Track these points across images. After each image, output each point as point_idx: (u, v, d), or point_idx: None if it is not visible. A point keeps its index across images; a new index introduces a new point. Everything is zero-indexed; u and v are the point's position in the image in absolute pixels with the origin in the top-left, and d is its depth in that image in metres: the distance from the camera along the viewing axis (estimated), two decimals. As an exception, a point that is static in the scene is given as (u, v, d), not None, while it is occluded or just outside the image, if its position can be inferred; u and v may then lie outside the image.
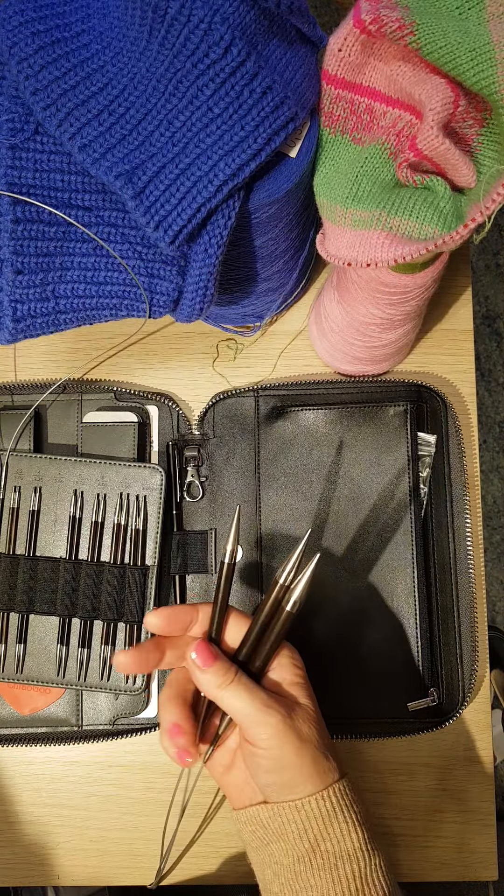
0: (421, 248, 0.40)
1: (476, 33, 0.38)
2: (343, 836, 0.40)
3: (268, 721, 0.39)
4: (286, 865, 0.40)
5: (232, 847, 0.60)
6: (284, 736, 0.39)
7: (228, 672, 0.41)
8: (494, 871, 0.60)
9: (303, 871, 0.40)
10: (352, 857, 0.39)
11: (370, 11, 0.39)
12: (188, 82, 0.42)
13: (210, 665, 0.41)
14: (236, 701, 0.40)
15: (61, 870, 0.60)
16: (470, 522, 0.61)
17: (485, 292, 1.40)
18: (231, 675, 0.41)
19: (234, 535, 0.43)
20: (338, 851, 0.39)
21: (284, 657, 0.44)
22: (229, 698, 0.40)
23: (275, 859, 0.41)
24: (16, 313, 0.47)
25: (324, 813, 0.40)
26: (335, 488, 0.60)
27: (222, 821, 0.60)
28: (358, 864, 0.39)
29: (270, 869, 0.41)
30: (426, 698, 0.58)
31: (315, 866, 0.39)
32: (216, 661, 0.41)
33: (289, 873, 0.40)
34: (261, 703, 0.40)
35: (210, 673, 0.41)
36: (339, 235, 0.46)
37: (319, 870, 0.39)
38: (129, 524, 0.59)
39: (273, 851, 0.41)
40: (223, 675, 0.41)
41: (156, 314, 0.48)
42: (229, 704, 0.41)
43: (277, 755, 0.40)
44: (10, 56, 0.42)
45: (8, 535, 0.60)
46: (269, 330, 0.66)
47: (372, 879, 0.39)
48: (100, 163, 0.42)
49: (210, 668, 0.41)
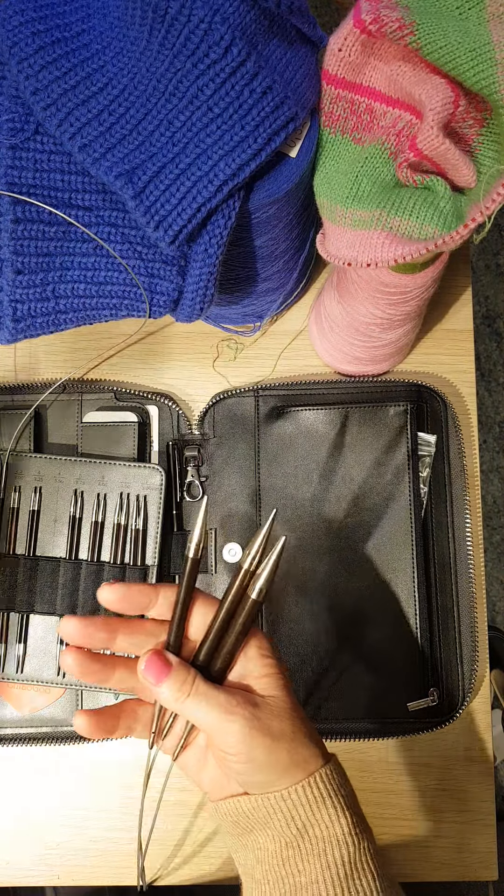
0: (421, 248, 0.40)
1: (476, 33, 0.38)
2: (332, 820, 0.39)
3: (231, 728, 0.37)
4: (272, 851, 0.40)
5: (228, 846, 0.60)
6: (253, 738, 0.38)
7: (184, 684, 0.38)
8: (494, 871, 0.60)
9: (291, 856, 0.39)
10: (341, 842, 0.39)
11: (370, 11, 0.39)
12: (188, 82, 0.42)
13: (163, 680, 0.38)
14: (196, 712, 0.38)
15: (61, 870, 0.60)
16: (470, 522, 0.61)
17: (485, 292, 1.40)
18: (187, 686, 0.38)
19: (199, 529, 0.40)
20: (327, 837, 0.39)
21: (251, 647, 0.41)
22: (188, 710, 0.38)
23: (259, 845, 0.40)
24: (16, 313, 0.47)
25: (311, 799, 0.39)
26: (335, 488, 0.60)
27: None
28: (348, 848, 0.39)
29: (253, 854, 0.41)
30: (426, 698, 0.58)
31: (304, 851, 0.39)
32: (169, 673, 0.38)
33: (274, 859, 0.39)
34: (222, 710, 0.38)
35: (164, 687, 0.38)
36: (339, 235, 0.46)
37: (308, 855, 0.39)
38: (129, 524, 0.59)
39: (257, 838, 0.40)
40: (178, 689, 0.38)
41: (156, 314, 0.48)
42: (189, 716, 0.39)
43: (249, 758, 0.38)
44: (11, 56, 0.42)
45: (8, 535, 0.60)
46: (269, 330, 0.66)
47: (361, 864, 0.39)
48: (100, 163, 0.42)
49: (163, 682, 0.38)
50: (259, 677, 0.40)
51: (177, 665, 0.39)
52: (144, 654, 0.39)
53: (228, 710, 0.38)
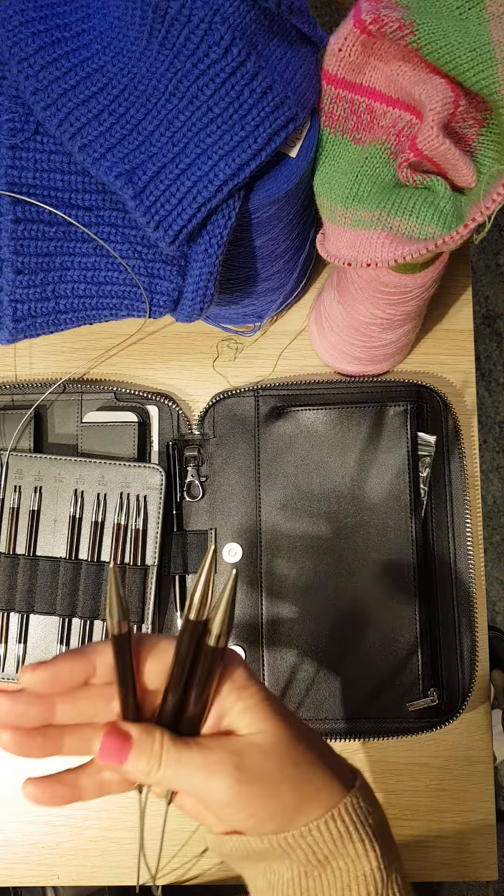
0: (421, 248, 0.40)
1: (476, 33, 0.38)
2: (358, 855, 0.34)
3: (218, 788, 0.32)
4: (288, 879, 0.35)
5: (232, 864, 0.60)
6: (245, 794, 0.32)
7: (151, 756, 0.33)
8: (494, 871, 0.60)
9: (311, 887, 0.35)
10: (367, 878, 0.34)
11: (370, 11, 0.39)
12: (188, 82, 0.42)
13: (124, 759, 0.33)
14: (174, 782, 0.33)
15: (61, 870, 0.60)
16: (470, 522, 0.61)
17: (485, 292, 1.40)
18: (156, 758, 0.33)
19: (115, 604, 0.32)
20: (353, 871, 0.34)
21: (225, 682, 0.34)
22: (166, 782, 0.33)
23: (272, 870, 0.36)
24: (16, 313, 0.47)
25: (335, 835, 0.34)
26: (335, 488, 0.60)
27: (222, 821, 0.60)
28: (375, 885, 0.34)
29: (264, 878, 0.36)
30: (426, 698, 0.58)
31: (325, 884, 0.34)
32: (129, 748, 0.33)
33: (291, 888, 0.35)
34: (202, 772, 0.32)
35: (129, 766, 0.33)
36: (340, 235, 0.46)
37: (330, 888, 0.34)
38: (129, 524, 0.59)
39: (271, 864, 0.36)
40: (146, 762, 0.33)
41: (156, 314, 0.48)
42: (170, 786, 0.34)
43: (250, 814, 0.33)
44: (11, 56, 0.42)
45: (8, 535, 0.60)
46: (269, 330, 0.66)
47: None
48: (100, 163, 0.42)
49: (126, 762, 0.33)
50: (240, 713, 0.34)
51: (137, 736, 0.33)
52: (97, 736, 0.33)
53: (209, 770, 0.32)
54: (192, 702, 0.34)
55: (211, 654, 0.33)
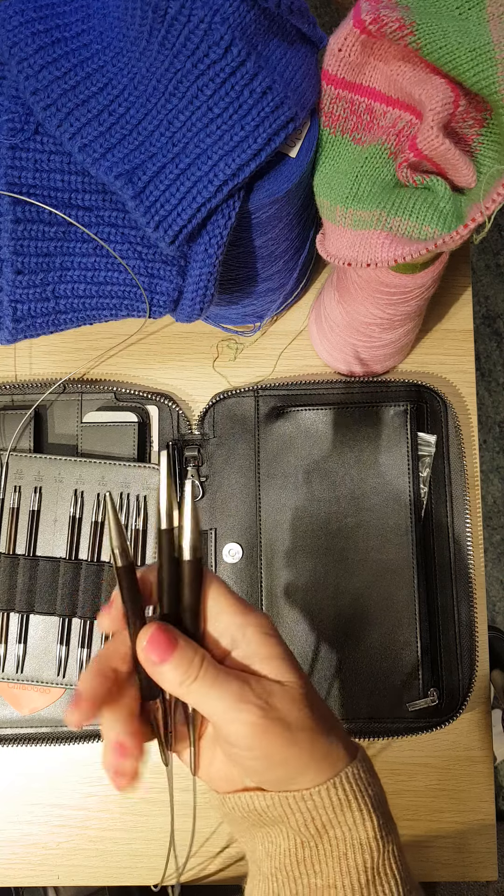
0: (421, 248, 0.40)
1: (476, 33, 0.38)
2: (356, 824, 0.35)
3: (244, 719, 0.33)
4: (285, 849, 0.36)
5: (231, 846, 0.60)
6: (266, 732, 0.33)
7: (191, 665, 0.33)
8: (494, 871, 0.60)
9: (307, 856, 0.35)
10: (364, 846, 0.35)
11: (370, 11, 0.39)
12: (188, 82, 0.42)
13: (167, 658, 0.33)
14: (203, 699, 0.33)
15: (61, 870, 0.60)
16: (470, 522, 0.61)
17: (485, 292, 1.40)
18: (195, 669, 0.33)
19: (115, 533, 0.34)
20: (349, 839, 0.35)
21: (251, 626, 0.35)
22: (194, 697, 0.33)
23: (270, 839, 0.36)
24: (16, 313, 0.47)
25: (335, 802, 0.34)
26: (335, 488, 0.60)
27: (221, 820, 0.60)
28: (371, 853, 0.35)
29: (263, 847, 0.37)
30: (426, 698, 0.58)
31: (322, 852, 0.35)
32: (175, 650, 0.33)
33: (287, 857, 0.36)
34: (232, 699, 0.33)
35: (168, 666, 0.33)
36: (339, 235, 0.46)
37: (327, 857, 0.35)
38: (129, 524, 0.59)
39: (269, 832, 0.36)
40: (185, 670, 0.33)
41: (156, 314, 0.48)
42: (195, 703, 0.34)
43: (264, 754, 0.34)
44: (11, 56, 0.42)
45: (8, 535, 0.60)
46: (269, 330, 0.66)
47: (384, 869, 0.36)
48: (100, 163, 0.42)
49: (167, 661, 0.33)
50: (266, 659, 0.35)
51: (183, 643, 0.34)
52: (147, 628, 0.34)
53: (241, 698, 0.33)
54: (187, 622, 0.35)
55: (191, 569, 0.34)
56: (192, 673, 0.33)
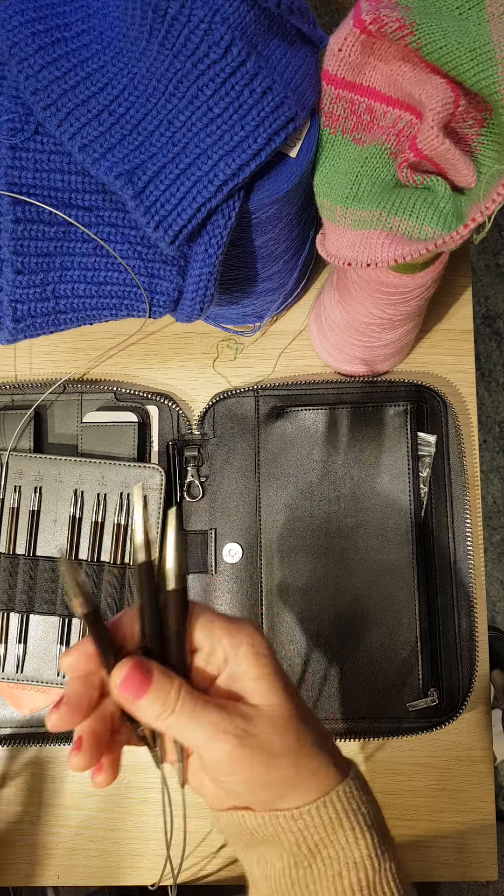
0: (421, 248, 0.40)
1: (476, 33, 0.38)
2: (349, 843, 0.34)
3: (221, 748, 0.33)
4: (279, 869, 0.35)
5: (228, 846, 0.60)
6: (244, 759, 0.33)
7: (167, 700, 0.33)
8: (494, 871, 0.60)
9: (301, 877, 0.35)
10: (359, 865, 0.34)
11: (370, 11, 0.39)
12: (188, 82, 0.42)
13: (141, 695, 0.33)
14: (180, 731, 0.33)
15: (61, 870, 0.60)
16: (470, 522, 0.61)
17: (485, 292, 1.40)
18: (171, 702, 0.33)
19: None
20: (342, 858, 0.34)
21: (243, 645, 0.34)
22: (172, 729, 0.33)
23: (265, 859, 0.36)
24: (16, 313, 0.47)
25: (325, 821, 0.34)
26: (335, 488, 0.60)
27: (222, 821, 0.60)
28: (366, 872, 0.34)
29: (259, 868, 0.37)
30: (426, 698, 0.58)
31: (316, 872, 0.35)
32: (149, 686, 0.33)
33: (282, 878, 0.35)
34: (210, 728, 0.33)
35: (144, 703, 0.33)
36: (339, 235, 0.46)
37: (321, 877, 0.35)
38: (129, 524, 0.59)
39: (264, 853, 0.36)
40: (161, 704, 0.33)
41: (156, 314, 0.48)
42: (174, 735, 0.34)
43: (245, 779, 0.33)
44: (11, 56, 0.42)
45: (8, 535, 0.60)
46: (269, 330, 0.66)
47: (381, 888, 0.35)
48: (100, 163, 0.42)
49: (142, 697, 0.33)
50: (253, 679, 0.35)
51: (158, 676, 0.33)
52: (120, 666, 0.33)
53: (218, 727, 0.33)
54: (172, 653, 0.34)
55: (175, 598, 0.34)
56: (168, 706, 0.33)
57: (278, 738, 0.34)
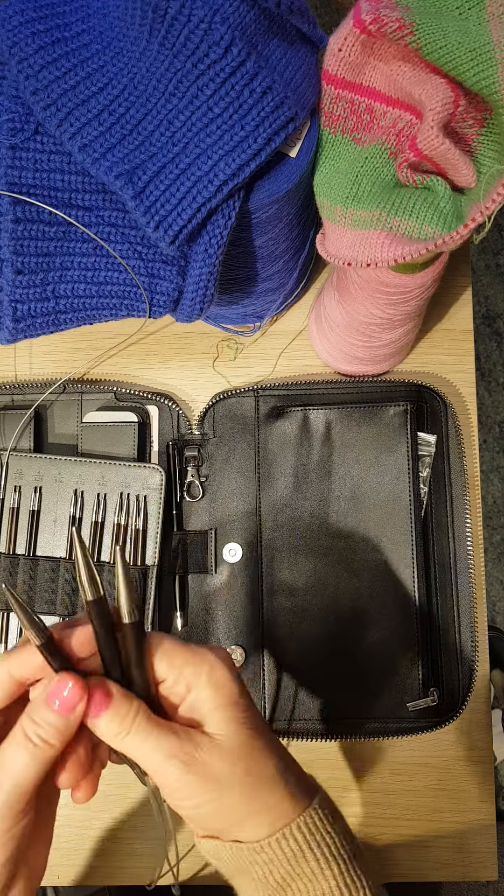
0: (421, 248, 0.40)
1: (476, 33, 0.38)
2: (315, 874, 0.34)
3: (170, 772, 0.33)
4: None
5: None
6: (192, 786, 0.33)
7: (124, 720, 0.34)
8: (494, 871, 0.60)
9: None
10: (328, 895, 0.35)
11: (370, 11, 0.39)
12: (188, 82, 0.42)
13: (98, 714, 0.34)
14: (135, 752, 0.34)
15: (61, 870, 0.60)
16: (470, 522, 0.61)
17: (485, 292, 1.40)
18: (127, 723, 0.34)
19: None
20: (311, 891, 0.35)
21: (202, 674, 0.35)
22: (128, 748, 0.34)
23: (242, 889, 0.37)
24: (16, 313, 0.47)
25: (288, 854, 0.34)
26: (335, 488, 0.60)
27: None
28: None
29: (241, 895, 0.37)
30: (426, 698, 0.58)
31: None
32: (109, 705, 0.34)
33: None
34: (162, 754, 0.33)
35: (102, 721, 0.34)
36: (339, 235, 0.46)
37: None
38: (129, 524, 0.59)
39: (241, 883, 0.37)
40: (119, 723, 0.33)
41: (156, 314, 0.48)
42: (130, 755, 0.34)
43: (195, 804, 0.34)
44: (11, 56, 0.42)
45: (8, 535, 0.60)
46: (269, 330, 0.66)
47: None
48: (100, 163, 0.42)
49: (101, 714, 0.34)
50: (211, 710, 0.35)
51: (117, 698, 0.34)
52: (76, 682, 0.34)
53: (168, 753, 0.33)
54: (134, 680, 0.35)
55: (130, 631, 0.35)
56: (124, 727, 0.34)
57: (227, 767, 0.34)
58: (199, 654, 0.36)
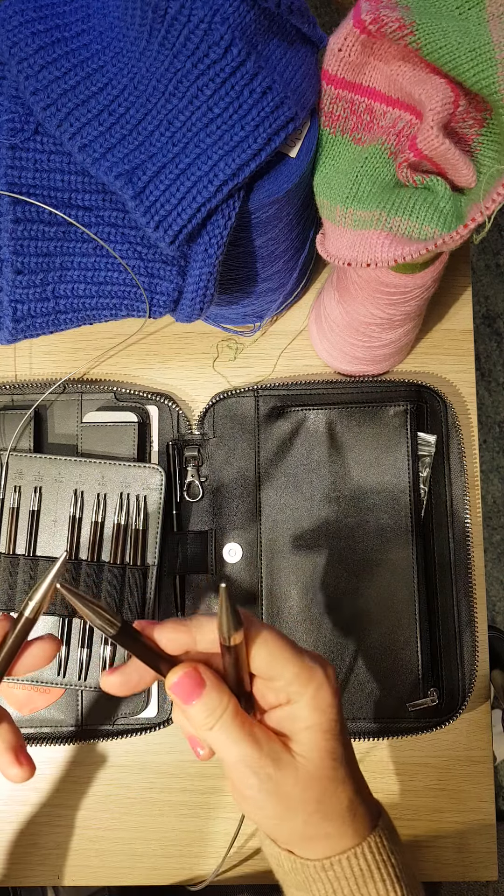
0: (421, 248, 0.40)
1: (476, 33, 0.38)
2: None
3: (240, 778, 0.34)
4: None
5: (233, 848, 0.60)
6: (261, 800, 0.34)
7: (212, 714, 0.34)
8: (494, 871, 0.60)
9: None
10: None
11: (370, 11, 0.39)
12: (188, 82, 0.42)
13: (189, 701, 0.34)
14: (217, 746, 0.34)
15: (61, 870, 0.60)
16: (470, 522, 0.61)
17: (485, 292, 1.40)
18: (215, 717, 0.34)
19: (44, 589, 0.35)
20: None
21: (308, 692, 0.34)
22: (211, 740, 0.34)
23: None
24: (16, 313, 0.47)
25: (356, 873, 0.35)
26: (335, 488, 0.60)
27: (222, 821, 0.60)
28: None
29: None
30: (426, 698, 0.58)
31: None
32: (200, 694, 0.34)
33: None
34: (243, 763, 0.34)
35: (192, 709, 0.34)
36: (339, 235, 0.46)
37: None
38: (129, 524, 0.59)
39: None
40: (207, 715, 0.34)
41: (156, 314, 0.48)
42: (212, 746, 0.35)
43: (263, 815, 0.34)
44: (11, 56, 0.42)
45: (8, 535, 0.60)
46: (269, 330, 0.66)
47: None
48: (100, 163, 0.42)
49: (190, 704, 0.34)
50: (303, 729, 0.35)
51: (210, 688, 0.34)
52: (176, 670, 0.34)
53: (245, 763, 0.34)
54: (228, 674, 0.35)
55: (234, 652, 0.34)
56: (211, 720, 0.34)
57: (299, 793, 0.34)
58: (309, 670, 0.35)
